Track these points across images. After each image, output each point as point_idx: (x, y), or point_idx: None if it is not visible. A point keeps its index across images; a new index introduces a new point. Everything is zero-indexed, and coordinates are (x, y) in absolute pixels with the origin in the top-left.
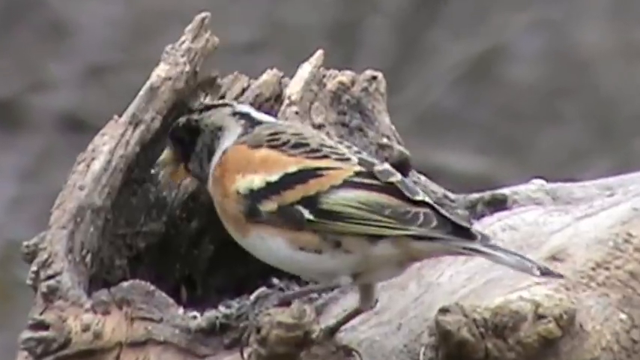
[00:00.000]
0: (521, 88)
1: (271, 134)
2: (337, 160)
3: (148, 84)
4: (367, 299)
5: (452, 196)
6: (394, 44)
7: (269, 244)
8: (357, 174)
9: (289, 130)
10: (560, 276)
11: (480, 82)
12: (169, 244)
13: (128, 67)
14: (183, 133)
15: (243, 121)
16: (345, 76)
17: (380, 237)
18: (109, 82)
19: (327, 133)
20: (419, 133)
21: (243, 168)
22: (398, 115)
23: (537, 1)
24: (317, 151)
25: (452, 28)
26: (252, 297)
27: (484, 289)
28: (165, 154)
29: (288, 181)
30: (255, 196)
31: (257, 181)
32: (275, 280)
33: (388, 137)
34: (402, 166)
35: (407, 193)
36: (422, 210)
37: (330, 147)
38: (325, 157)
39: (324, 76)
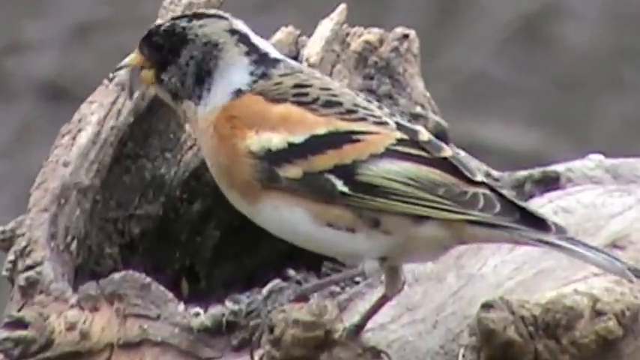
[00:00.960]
0: (578, 51)
1: (297, 86)
2: (375, 124)
3: None
4: (393, 282)
5: (495, 173)
6: (428, 2)
7: (285, 216)
8: (400, 141)
9: (316, 83)
10: None
11: (530, 44)
12: (168, 229)
13: (119, 25)
14: (164, 39)
15: (245, 48)
16: (372, 34)
17: (428, 217)
18: (97, 42)
19: (366, 94)
20: (458, 103)
21: (257, 123)
22: (434, 81)
23: None
24: (352, 111)
25: None
26: (265, 291)
27: (534, 281)
28: (131, 57)
29: (317, 144)
30: (274, 158)
31: (276, 140)
32: (291, 272)
33: (422, 106)
34: (439, 139)
35: (465, 172)
36: (482, 191)
37: (365, 108)
38: (362, 119)
39: (347, 34)
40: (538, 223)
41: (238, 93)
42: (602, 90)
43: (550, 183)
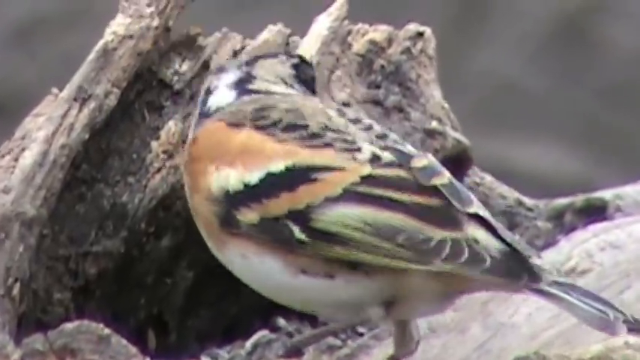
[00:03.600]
0: (629, 56)
1: (258, 109)
2: (343, 151)
3: (99, 45)
4: (404, 340)
5: (529, 202)
6: None
7: (254, 266)
8: (365, 179)
9: (281, 106)
10: None
11: (571, 48)
12: (131, 269)
13: (70, 24)
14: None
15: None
16: (379, 32)
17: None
18: (43, 44)
19: (356, 111)
20: (484, 118)
21: (218, 156)
22: (455, 92)
23: None
24: (317, 136)
25: None
26: (248, 344)
27: (575, 332)
28: None
29: (271, 184)
30: (232, 200)
31: (233, 179)
32: (281, 321)
33: (439, 120)
34: (459, 160)
35: (454, 202)
36: (453, 236)
37: (337, 130)
38: (327, 145)
39: (349, 32)
40: (524, 267)
41: (208, 114)
42: None
43: (595, 213)
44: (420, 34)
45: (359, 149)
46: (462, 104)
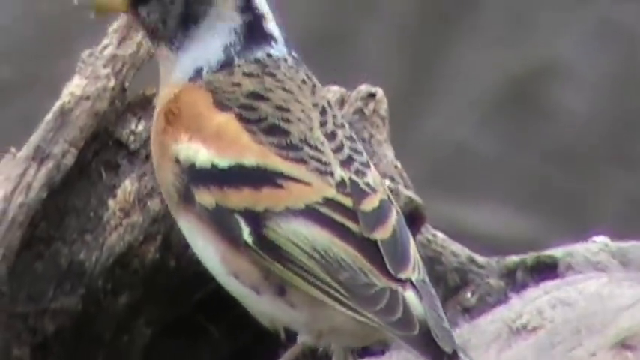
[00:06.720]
0: (578, 120)
1: (251, 94)
2: (314, 170)
3: (57, 105)
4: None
5: (480, 259)
6: (401, 58)
7: (199, 245)
8: (328, 201)
9: (276, 97)
10: None
11: (521, 112)
12: (89, 326)
13: (27, 87)
14: None
15: (240, 3)
16: (332, 92)
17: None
18: (1, 107)
19: (334, 117)
20: (437, 180)
21: (194, 128)
22: (408, 155)
23: None
24: (294, 148)
25: (482, 38)
26: None
27: None
28: None
29: (238, 175)
30: (194, 175)
31: (202, 156)
32: None
33: (392, 178)
34: (412, 218)
35: (388, 263)
36: (393, 288)
37: (314, 147)
38: (301, 161)
39: None
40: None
41: (197, 74)
42: (606, 165)
43: (546, 270)
44: (372, 95)
45: (331, 173)
46: (414, 165)
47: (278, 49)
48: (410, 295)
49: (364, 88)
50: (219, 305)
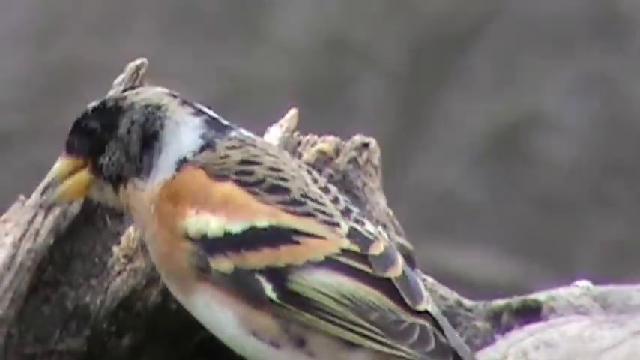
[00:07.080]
0: (562, 168)
1: (243, 162)
2: (323, 223)
3: None
4: None
5: (468, 303)
6: (392, 109)
7: (215, 316)
8: (345, 252)
9: (266, 161)
10: None
11: (507, 160)
12: None
13: (36, 135)
14: (97, 118)
15: (191, 109)
16: (327, 143)
17: (360, 345)
18: (11, 154)
19: (320, 176)
20: (426, 225)
21: (199, 202)
22: (398, 200)
23: (582, 51)
24: (298, 203)
25: (470, 89)
26: None
27: None
28: (61, 164)
29: (254, 237)
30: (209, 246)
31: (213, 225)
32: None
33: (384, 225)
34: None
35: (406, 298)
36: (421, 322)
37: (315, 200)
38: (309, 215)
39: (299, 143)
40: None
41: (182, 164)
42: (590, 211)
43: (530, 313)
44: (366, 145)
45: (338, 224)
46: (404, 211)
47: (246, 134)
48: (432, 325)
49: (358, 138)
50: (218, 348)
